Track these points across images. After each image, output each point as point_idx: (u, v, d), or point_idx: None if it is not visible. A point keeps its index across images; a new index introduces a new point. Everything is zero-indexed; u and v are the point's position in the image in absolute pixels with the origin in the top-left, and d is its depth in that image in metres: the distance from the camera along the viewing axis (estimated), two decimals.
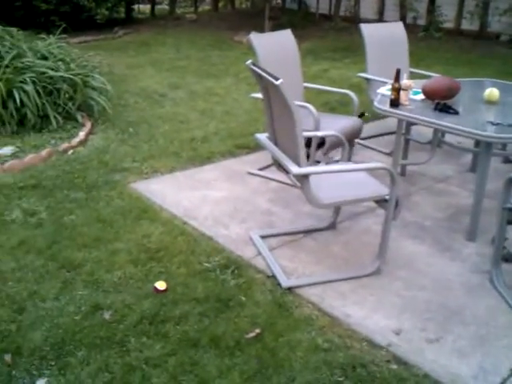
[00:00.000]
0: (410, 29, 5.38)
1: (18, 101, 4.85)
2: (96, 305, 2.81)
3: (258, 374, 2.40)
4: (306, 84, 4.66)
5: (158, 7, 14.96)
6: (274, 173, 4.36)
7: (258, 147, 4.95)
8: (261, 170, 4.52)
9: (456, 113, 3.56)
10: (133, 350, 2.51)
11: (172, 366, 2.42)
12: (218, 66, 8.51)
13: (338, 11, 12.50)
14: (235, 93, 6.98)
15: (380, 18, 11.77)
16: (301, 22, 11.36)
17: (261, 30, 9.90)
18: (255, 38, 4.29)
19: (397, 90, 3.64)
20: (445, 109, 3.59)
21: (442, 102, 3.66)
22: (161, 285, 2.94)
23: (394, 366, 2.47)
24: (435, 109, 3.63)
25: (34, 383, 2.33)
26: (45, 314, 2.75)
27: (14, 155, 4.61)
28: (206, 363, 2.44)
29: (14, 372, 2.39)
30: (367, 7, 12.08)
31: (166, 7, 15.04)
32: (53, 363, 2.44)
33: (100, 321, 2.70)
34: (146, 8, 15.01)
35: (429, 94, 3.76)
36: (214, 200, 4.02)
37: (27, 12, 10.46)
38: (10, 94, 4.88)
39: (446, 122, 3.43)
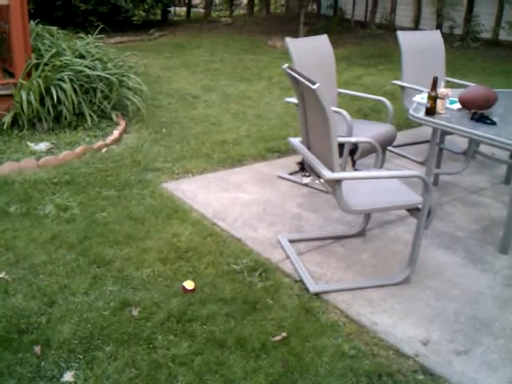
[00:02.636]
0: (446, 38, 5.33)
1: (55, 98, 4.94)
2: (125, 301, 2.84)
3: (284, 377, 2.40)
4: (339, 90, 4.65)
5: (193, 10, 15.12)
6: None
7: (288, 151, 4.96)
8: (291, 174, 4.51)
9: (493, 123, 3.50)
10: (160, 348, 2.53)
11: (198, 365, 2.43)
12: (252, 70, 8.55)
13: (374, 18, 12.45)
14: (268, 97, 7.00)
15: (416, 27, 11.69)
16: (336, 28, 11.35)
17: (295, 35, 9.92)
18: (291, 42, 4.30)
19: (433, 99, 3.60)
20: (482, 119, 3.54)
21: (478, 111, 3.61)
22: (189, 284, 2.96)
23: (421, 377, 2.44)
24: (472, 118, 3.58)
25: (62, 375, 2.37)
26: (74, 307, 2.79)
27: (49, 151, 4.70)
28: (232, 364, 2.45)
29: (42, 363, 2.43)
30: (403, 15, 12.00)
31: (202, 10, 15.18)
32: (81, 357, 2.47)
33: (128, 317, 2.73)
34: (181, 11, 15.19)
35: (466, 104, 3.71)
36: (243, 202, 4.04)
37: (66, 12, 10.68)
38: (47, 91, 4.98)
39: (482, 132, 3.38)
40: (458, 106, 3.81)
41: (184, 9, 14.96)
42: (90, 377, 2.36)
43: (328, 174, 2.82)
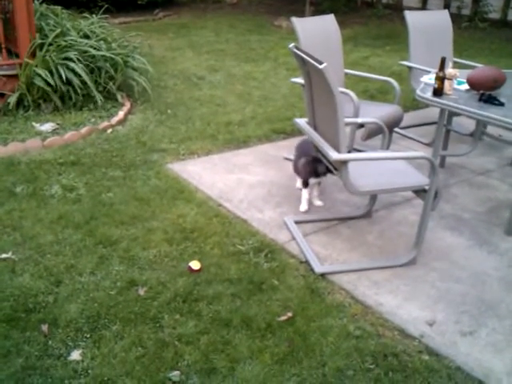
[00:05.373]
0: (454, 18, 5.25)
1: (63, 78, 4.91)
2: (131, 281, 2.85)
3: (289, 356, 2.41)
4: (346, 70, 4.61)
5: None
6: None
7: (294, 132, 4.94)
8: None
9: (501, 104, 3.47)
10: (166, 327, 2.55)
11: (204, 344, 2.45)
12: (257, 51, 8.48)
13: None
14: (273, 77, 6.95)
15: (423, 7, 11.54)
16: (342, 8, 11.20)
17: (301, 15, 9.80)
18: (298, 21, 4.25)
19: (441, 79, 3.57)
20: (490, 100, 3.51)
21: (486, 92, 3.57)
22: (195, 264, 2.97)
23: (426, 357, 2.45)
24: (480, 99, 3.55)
25: (69, 354, 2.39)
26: (81, 287, 2.81)
27: (54, 132, 4.70)
28: (238, 343, 2.46)
29: (50, 342, 2.45)
30: None
31: None
32: (88, 335, 2.49)
33: (135, 296, 2.74)
34: None
35: (474, 85, 3.68)
36: (249, 184, 4.03)
37: None
38: (52, 72, 4.94)
39: (490, 113, 3.35)
40: (465, 86, 3.77)
41: None
42: (97, 355, 2.38)
43: (334, 155, 2.81)
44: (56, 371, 2.30)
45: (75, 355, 2.38)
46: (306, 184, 3.60)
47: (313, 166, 3.50)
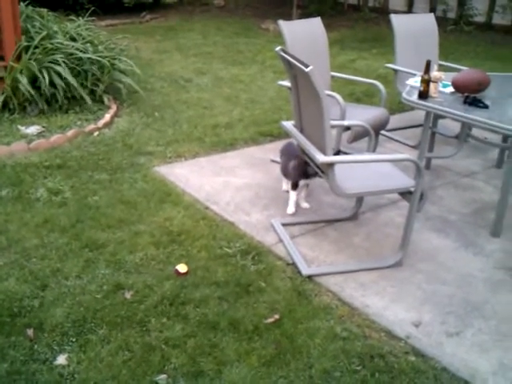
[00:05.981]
0: (439, 22, 5.29)
1: (47, 81, 4.88)
2: (118, 284, 2.84)
3: (276, 359, 2.41)
4: (333, 73, 4.63)
5: None
6: None
7: (281, 135, 4.95)
8: None
9: (485, 107, 3.50)
10: (153, 330, 2.54)
11: (191, 348, 2.44)
12: (244, 53, 8.49)
13: (367, 2, 12.36)
14: (260, 80, 6.96)
15: (409, 10, 11.61)
16: (329, 11, 11.24)
17: (288, 18, 9.81)
18: (285, 25, 4.27)
19: (426, 82, 3.60)
20: (474, 102, 3.54)
21: (471, 95, 3.60)
22: (182, 267, 2.97)
23: (413, 358, 2.47)
24: (464, 102, 3.58)
25: (55, 358, 2.37)
26: (67, 291, 2.79)
27: (40, 135, 4.67)
28: (225, 346, 2.46)
29: (35, 346, 2.43)
30: None
31: None
32: (74, 340, 2.48)
33: (121, 300, 2.73)
34: None
35: (459, 87, 3.71)
36: (236, 186, 4.03)
37: None
38: (37, 75, 4.91)
39: (475, 115, 3.38)
40: (450, 89, 3.80)
41: None
42: (83, 360, 2.36)
43: (321, 158, 2.82)
44: (42, 376, 2.28)
45: (61, 360, 2.37)
46: (295, 186, 3.60)
47: (303, 168, 3.50)
